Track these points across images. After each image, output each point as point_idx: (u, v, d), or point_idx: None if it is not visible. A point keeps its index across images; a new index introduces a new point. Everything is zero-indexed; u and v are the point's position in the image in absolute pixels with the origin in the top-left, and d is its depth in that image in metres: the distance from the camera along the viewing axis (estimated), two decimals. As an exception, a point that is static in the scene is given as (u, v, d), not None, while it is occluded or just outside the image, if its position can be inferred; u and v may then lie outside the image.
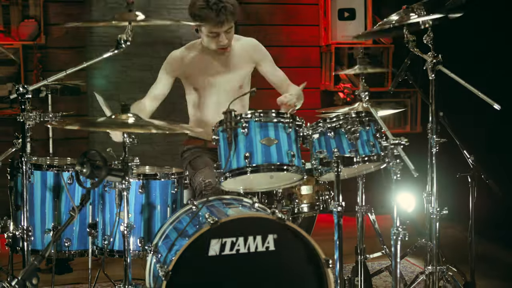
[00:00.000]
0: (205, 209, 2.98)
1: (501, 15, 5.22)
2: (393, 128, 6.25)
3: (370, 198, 3.58)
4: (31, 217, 3.26)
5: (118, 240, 3.23)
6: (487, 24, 5.22)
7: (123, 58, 6.30)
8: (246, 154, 2.93)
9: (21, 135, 2.97)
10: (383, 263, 4.43)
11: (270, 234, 2.80)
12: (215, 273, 2.75)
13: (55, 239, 2.52)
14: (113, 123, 2.90)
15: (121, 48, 2.93)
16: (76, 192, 3.32)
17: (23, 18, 5.76)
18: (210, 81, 3.84)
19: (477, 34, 5.10)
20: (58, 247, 3.31)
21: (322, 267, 2.86)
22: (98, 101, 3.23)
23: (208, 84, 3.84)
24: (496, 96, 3.09)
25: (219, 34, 3.64)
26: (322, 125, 3.14)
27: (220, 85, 3.84)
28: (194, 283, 2.75)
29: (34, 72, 5.80)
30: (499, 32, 5.26)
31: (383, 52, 6.39)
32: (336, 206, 2.97)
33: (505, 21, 5.20)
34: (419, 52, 3.24)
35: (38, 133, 3.53)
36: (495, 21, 5.26)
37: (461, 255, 4.16)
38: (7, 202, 3.32)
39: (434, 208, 3.31)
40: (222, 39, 3.66)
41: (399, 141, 2.81)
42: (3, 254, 3.46)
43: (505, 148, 5.19)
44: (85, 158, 2.56)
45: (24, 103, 2.90)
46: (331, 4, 6.26)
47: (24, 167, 2.96)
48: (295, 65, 6.38)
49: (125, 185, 2.79)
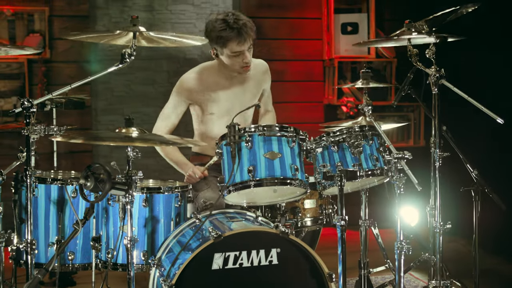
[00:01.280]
0: (209, 223, 2.98)
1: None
2: (396, 142, 6.25)
3: (374, 212, 3.58)
4: (35, 230, 3.27)
5: (121, 253, 3.22)
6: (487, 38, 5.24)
7: (127, 72, 6.32)
8: (249, 168, 2.93)
9: (26, 149, 2.98)
10: (387, 277, 4.41)
11: (273, 248, 2.80)
12: (218, 287, 2.75)
13: (58, 252, 2.52)
14: (117, 137, 2.90)
15: (125, 63, 2.94)
16: (80, 206, 3.32)
17: (28, 32, 5.79)
18: (226, 106, 3.79)
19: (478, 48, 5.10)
20: (61, 260, 3.31)
21: (326, 281, 2.85)
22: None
23: (222, 108, 3.78)
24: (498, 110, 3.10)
25: (242, 52, 3.59)
26: (326, 139, 3.14)
27: (236, 108, 3.69)
28: (198, 297, 2.75)
29: (39, 86, 5.82)
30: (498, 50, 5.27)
31: (386, 66, 6.40)
32: (340, 220, 2.97)
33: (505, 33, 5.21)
34: (422, 66, 3.25)
35: (42, 146, 3.55)
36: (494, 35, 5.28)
37: (465, 270, 4.15)
38: (11, 215, 3.32)
39: (438, 222, 3.31)
40: (246, 57, 3.60)
41: (403, 155, 2.81)
42: (7, 267, 3.46)
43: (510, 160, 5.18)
44: (89, 171, 2.57)
45: (28, 117, 2.91)
46: (334, 18, 6.28)
47: (29, 181, 2.97)
48: (299, 79, 6.40)
49: (128, 198, 2.79)
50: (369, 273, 3.57)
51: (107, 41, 3.21)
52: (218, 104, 3.78)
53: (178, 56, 6.27)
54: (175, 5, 6.42)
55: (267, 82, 3.98)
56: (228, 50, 3.58)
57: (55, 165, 4.65)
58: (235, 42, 3.54)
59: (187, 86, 3.76)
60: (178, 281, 2.66)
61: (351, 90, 6.21)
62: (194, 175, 3.58)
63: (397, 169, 2.82)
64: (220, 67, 3.78)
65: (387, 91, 6.31)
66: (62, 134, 3.05)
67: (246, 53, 3.59)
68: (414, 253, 3.30)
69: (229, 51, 3.58)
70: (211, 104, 3.77)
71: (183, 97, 3.77)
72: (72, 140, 2.95)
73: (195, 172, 3.58)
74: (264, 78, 3.95)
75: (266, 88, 3.99)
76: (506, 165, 5.18)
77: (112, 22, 6.28)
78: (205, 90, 3.76)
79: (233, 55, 3.59)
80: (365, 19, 6.33)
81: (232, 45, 3.55)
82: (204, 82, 3.77)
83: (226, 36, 3.53)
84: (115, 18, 6.29)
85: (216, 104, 3.78)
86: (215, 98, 3.77)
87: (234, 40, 3.53)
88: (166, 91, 4.09)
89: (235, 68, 3.65)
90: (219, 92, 3.78)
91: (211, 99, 3.77)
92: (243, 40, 3.54)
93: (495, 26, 5.15)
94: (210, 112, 3.78)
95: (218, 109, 3.78)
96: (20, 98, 5.54)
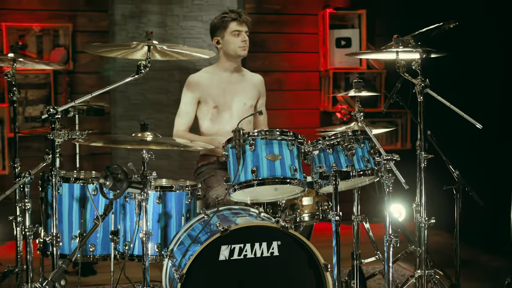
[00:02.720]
0: (216, 218, 2.98)
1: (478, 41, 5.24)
2: (385, 145, 6.24)
3: (365, 208, 3.57)
4: (60, 225, 3.26)
5: (137, 245, 3.22)
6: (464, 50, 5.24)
7: (142, 82, 6.32)
8: (253, 169, 2.93)
9: (51, 151, 2.98)
10: (377, 267, 4.40)
11: (274, 241, 2.79)
12: (224, 276, 2.74)
13: (81, 244, 2.52)
14: (133, 141, 2.90)
15: (141, 73, 2.94)
16: (100, 203, 3.32)
17: (54, 46, 5.80)
18: (228, 100, 3.89)
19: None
20: (83, 251, 3.31)
21: (322, 271, 2.85)
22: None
23: (225, 101, 3.88)
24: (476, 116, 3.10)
25: (240, 32, 3.82)
26: (322, 143, 3.14)
27: (235, 104, 3.91)
28: (206, 285, 2.74)
29: (63, 94, 5.83)
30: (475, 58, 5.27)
31: (376, 76, 6.40)
32: (334, 215, 2.96)
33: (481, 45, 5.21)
34: (408, 76, 3.24)
35: (66, 149, 3.55)
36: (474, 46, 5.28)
37: (447, 260, 4.13)
38: (38, 211, 3.33)
39: (423, 218, 3.30)
40: (244, 36, 3.83)
41: (391, 157, 2.80)
42: (35, 258, 3.46)
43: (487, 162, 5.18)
44: (108, 171, 2.56)
45: (54, 123, 2.91)
46: (330, 33, 6.28)
47: (54, 180, 2.97)
48: (297, 88, 6.41)
49: (144, 196, 2.79)
50: (361, 264, 3.56)
51: (124, 54, 3.21)
52: (221, 98, 3.89)
53: (189, 68, 6.27)
54: (185, 21, 6.43)
55: (262, 94, 4.10)
56: (229, 30, 3.84)
57: (77, 166, 4.65)
58: (235, 22, 3.83)
59: (194, 81, 3.91)
60: (188, 270, 2.66)
61: (344, 98, 6.20)
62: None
63: (386, 169, 2.81)
64: (221, 67, 3.94)
65: (377, 99, 6.31)
66: (84, 138, 3.06)
67: (244, 33, 3.83)
68: (402, 246, 3.30)
69: (230, 30, 3.83)
70: (214, 97, 3.88)
71: (191, 91, 3.89)
72: (93, 144, 2.95)
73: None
74: (260, 88, 4.08)
75: (261, 98, 4.09)
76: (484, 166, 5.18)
77: (129, 37, 6.29)
78: (209, 85, 3.89)
79: (233, 34, 3.83)
80: (357, 34, 6.34)
81: (232, 25, 3.83)
82: (208, 78, 3.91)
83: (227, 18, 3.84)
84: (132, 33, 6.29)
85: (219, 98, 3.88)
86: (218, 92, 3.88)
87: (234, 21, 3.82)
88: (177, 99, 4.09)
89: (236, 48, 3.85)
90: (222, 88, 3.90)
91: (215, 93, 3.88)
92: (241, 21, 3.83)
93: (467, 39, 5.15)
94: (215, 105, 3.88)
95: (220, 101, 3.89)
96: (46, 105, 5.54)
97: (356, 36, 6.32)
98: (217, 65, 3.97)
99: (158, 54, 3.18)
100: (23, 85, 5.72)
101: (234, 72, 3.95)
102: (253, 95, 3.99)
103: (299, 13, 6.41)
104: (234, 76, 3.96)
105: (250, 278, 2.78)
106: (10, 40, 5.64)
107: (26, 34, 5.75)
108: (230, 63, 3.91)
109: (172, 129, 3.93)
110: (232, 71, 3.93)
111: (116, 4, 6.27)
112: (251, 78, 4.04)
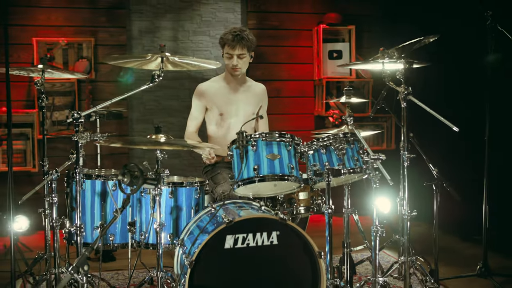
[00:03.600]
0: (222, 211, 2.97)
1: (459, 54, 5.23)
2: (372, 146, 6.23)
3: (354, 202, 3.56)
4: (83, 217, 3.26)
5: (152, 235, 3.22)
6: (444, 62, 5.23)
7: (156, 90, 6.32)
8: (254, 167, 2.92)
9: (75, 151, 2.98)
10: (365, 254, 4.40)
11: (274, 231, 2.79)
12: (229, 262, 2.74)
13: (102, 234, 2.51)
14: (148, 142, 2.90)
15: (155, 82, 2.94)
16: (119, 197, 3.32)
17: (78, 58, 5.80)
18: (233, 109, 3.87)
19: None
20: (104, 240, 3.31)
21: (316, 258, 2.84)
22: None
23: (229, 110, 3.86)
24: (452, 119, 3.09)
25: (232, 56, 3.72)
26: (316, 144, 3.13)
27: (240, 111, 3.87)
28: (213, 270, 2.74)
29: (86, 101, 5.82)
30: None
31: (365, 85, 6.39)
32: (327, 208, 2.96)
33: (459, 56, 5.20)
34: (393, 85, 3.24)
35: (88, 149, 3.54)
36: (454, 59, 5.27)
37: (427, 248, 4.13)
38: (64, 205, 3.33)
39: (406, 210, 3.30)
40: (233, 60, 3.73)
41: (378, 156, 2.80)
42: (62, 246, 3.46)
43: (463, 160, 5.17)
44: (126, 169, 2.56)
45: (78, 126, 2.91)
46: (323, 47, 6.28)
47: (78, 177, 2.97)
48: (294, 95, 6.41)
49: (157, 191, 2.79)
50: (351, 251, 3.55)
51: (140, 65, 3.21)
52: (227, 106, 3.85)
53: (197, 77, 6.27)
54: (195, 36, 6.42)
55: (264, 102, 4.06)
56: (224, 51, 3.77)
57: (98, 164, 4.65)
58: (228, 45, 3.72)
59: (201, 90, 3.89)
60: (197, 257, 2.65)
61: (336, 104, 6.20)
62: (209, 155, 3.59)
63: (373, 167, 2.81)
64: (226, 77, 3.89)
65: (365, 105, 6.30)
66: (104, 140, 3.05)
67: (235, 57, 3.72)
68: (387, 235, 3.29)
69: (225, 51, 3.76)
70: (221, 105, 3.85)
71: (198, 99, 3.87)
72: (112, 144, 2.95)
73: (210, 153, 3.58)
74: (262, 95, 4.04)
75: (263, 105, 4.05)
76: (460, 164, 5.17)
77: (144, 49, 6.29)
78: (215, 94, 3.86)
79: (226, 56, 3.76)
80: (347, 47, 6.33)
81: (226, 47, 3.74)
82: (215, 88, 3.88)
83: (224, 39, 3.74)
84: (147, 47, 6.29)
85: (224, 106, 3.85)
86: (224, 101, 3.85)
87: (227, 43, 3.71)
88: (187, 104, 4.09)
89: (229, 67, 3.79)
90: (227, 96, 3.87)
91: (220, 102, 3.85)
92: (233, 45, 3.70)
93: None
94: (220, 112, 3.85)
95: (226, 110, 3.85)
96: (71, 110, 5.56)
97: (346, 49, 6.32)
98: (224, 75, 3.93)
99: (170, 65, 3.17)
100: (50, 93, 5.72)
101: (238, 83, 3.90)
102: (255, 104, 3.97)
103: (295, 29, 6.41)
104: (239, 86, 3.91)
105: (252, 264, 2.78)
106: (40, 53, 5.65)
107: (53, 47, 5.75)
108: (232, 77, 3.86)
109: (183, 132, 3.93)
110: (236, 83, 3.89)
111: (133, 21, 6.26)
112: (254, 88, 3.99)
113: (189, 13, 6.43)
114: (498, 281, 3.79)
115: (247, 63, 3.81)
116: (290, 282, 2.83)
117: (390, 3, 6.51)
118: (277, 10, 6.38)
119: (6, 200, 2.76)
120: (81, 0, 5.89)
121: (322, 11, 6.41)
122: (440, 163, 3.58)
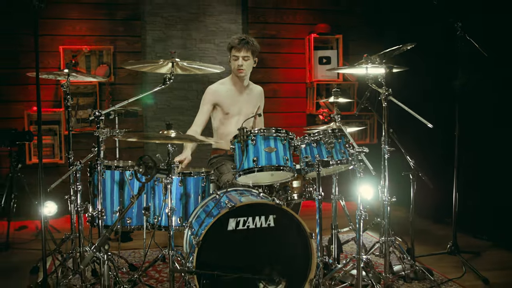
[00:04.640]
0: (225, 197, 2.97)
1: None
2: (357, 140, 6.24)
3: (341, 189, 3.56)
4: (104, 202, 3.26)
5: (164, 219, 3.22)
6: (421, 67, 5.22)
7: (167, 91, 6.30)
8: (254, 159, 2.92)
9: (97, 145, 2.98)
10: (350, 235, 4.41)
11: (271, 215, 2.78)
12: (232, 242, 2.74)
13: (120, 217, 2.51)
14: (160, 137, 2.89)
15: (166, 84, 2.93)
16: (135, 185, 3.32)
17: (99, 64, 5.79)
18: (237, 108, 3.83)
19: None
20: (122, 223, 3.31)
21: (307, 238, 2.84)
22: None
23: (233, 109, 3.82)
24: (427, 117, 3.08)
25: (238, 58, 3.69)
26: (308, 138, 3.13)
27: (242, 110, 3.85)
28: (217, 249, 2.74)
29: (106, 101, 5.82)
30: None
31: (350, 87, 6.38)
32: (318, 195, 2.96)
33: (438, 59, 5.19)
34: (375, 86, 3.23)
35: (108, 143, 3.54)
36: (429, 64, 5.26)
37: (404, 230, 4.14)
38: (87, 192, 3.32)
39: (386, 197, 3.29)
40: (239, 61, 3.70)
41: (362, 150, 2.79)
42: (85, 228, 3.46)
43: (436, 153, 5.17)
44: (141, 161, 2.55)
45: (99, 123, 2.91)
46: (314, 53, 6.27)
47: (99, 168, 2.97)
48: (289, 95, 6.40)
49: (169, 180, 2.78)
50: (338, 232, 3.56)
51: (153, 69, 3.20)
52: (232, 106, 3.81)
53: (203, 80, 6.25)
54: (201, 44, 6.41)
55: (261, 99, 4.03)
56: (231, 54, 3.73)
57: (117, 157, 4.64)
58: (235, 48, 3.68)
59: (211, 90, 3.83)
60: (204, 238, 2.65)
61: (325, 104, 6.19)
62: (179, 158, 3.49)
63: (358, 159, 2.80)
64: (232, 79, 3.85)
65: (351, 105, 6.29)
66: (122, 135, 3.05)
67: (241, 59, 3.69)
68: (370, 218, 3.30)
69: (231, 54, 3.72)
70: (227, 105, 3.80)
71: (207, 99, 3.81)
72: (129, 139, 2.94)
73: (181, 158, 3.48)
74: (260, 96, 4.01)
75: (261, 104, 4.03)
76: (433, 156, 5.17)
77: (157, 56, 6.27)
78: (223, 95, 3.81)
79: (232, 58, 3.73)
80: (335, 54, 6.32)
81: (233, 50, 3.70)
82: (223, 89, 3.83)
83: (231, 43, 3.71)
84: (159, 53, 6.27)
85: (230, 106, 3.81)
86: (230, 102, 3.81)
87: (234, 46, 3.68)
88: (195, 104, 4.10)
89: (235, 69, 3.75)
90: (233, 98, 3.83)
91: (227, 103, 3.80)
92: (239, 48, 3.67)
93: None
94: (226, 112, 3.81)
95: (231, 109, 3.82)
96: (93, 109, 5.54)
97: (334, 55, 6.31)
98: (230, 78, 3.88)
99: (180, 69, 3.17)
100: (75, 94, 5.72)
101: (243, 85, 3.85)
102: (255, 104, 3.94)
103: (290, 37, 6.40)
104: (243, 89, 3.87)
105: (251, 243, 2.78)
106: (66, 59, 5.65)
107: (77, 54, 5.73)
108: (236, 79, 3.83)
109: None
110: (241, 85, 3.85)
111: (147, 31, 6.25)
112: (254, 90, 3.96)
113: (196, 24, 6.41)
114: (465, 258, 3.80)
115: (251, 66, 3.78)
116: (285, 259, 2.83)
117: (373, 16, 6.52)
118: (274, 21, 6.37)
119: (37, 188, 2.77)
120: (102, 13, 5.88)
121: (313, 22, 6.41)
122: (416, 155, 3.58)
